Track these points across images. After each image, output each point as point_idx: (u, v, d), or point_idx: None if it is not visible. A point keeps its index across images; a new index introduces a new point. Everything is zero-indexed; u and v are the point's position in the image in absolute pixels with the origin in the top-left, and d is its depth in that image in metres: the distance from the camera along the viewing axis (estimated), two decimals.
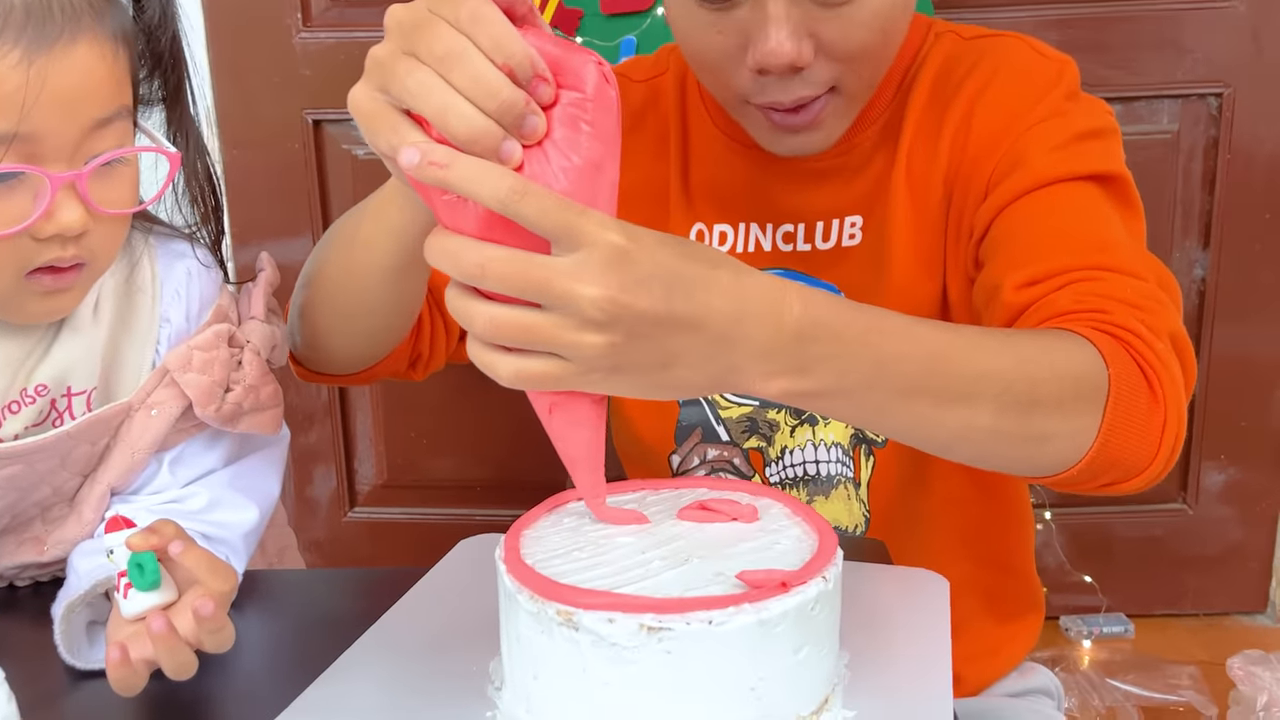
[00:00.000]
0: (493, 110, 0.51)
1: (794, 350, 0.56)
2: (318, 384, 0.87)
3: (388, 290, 0.75)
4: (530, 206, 0.50)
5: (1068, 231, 0.74)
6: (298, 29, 1.54)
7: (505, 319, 0.52)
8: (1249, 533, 1.68)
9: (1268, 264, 1.57)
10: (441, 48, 0.51)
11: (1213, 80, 1.51)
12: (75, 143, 0.63)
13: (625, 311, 0.52)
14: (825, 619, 0.57)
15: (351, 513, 1.75)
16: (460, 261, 0.52)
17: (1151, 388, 0.67)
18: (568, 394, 0.57)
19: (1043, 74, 0.82)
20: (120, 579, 0.62)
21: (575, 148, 0.53)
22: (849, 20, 0.74)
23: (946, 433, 0.63)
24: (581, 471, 0.60)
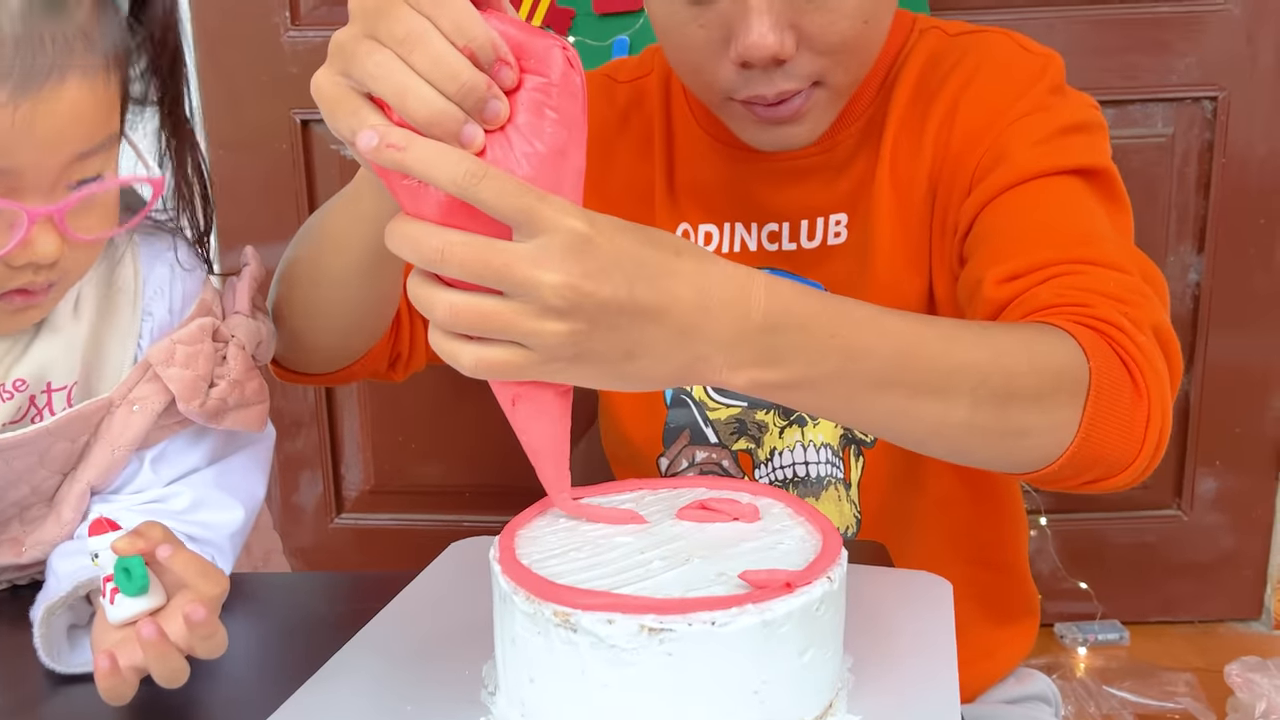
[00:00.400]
0: (453, 93, 0.50)
1: (761, 340, 0.55)
2: (296, 384, 0.85)
3: (360, 285, 0.73)
4: (488, 190, 0.49)
5: (1050, 225, 0.73)
6: (286, 27, 1.52)
7: (465, 306, 0.51)
8: (1243, 539, 1.68)
9: (1262, 269, 1.57)
10: (402, 29, 0.49)
11: (1207, 84, 1.50)
12: (56, 175, 0.61)
13: (587, 299, 0.51)
14: (830, 620, 0.56)
15: (338, 519, 1.73)
16: (420, 247, 0.51)
17: (1135, 382, 0.65)
18: (532, 385, 0.56)
19: (1026, 68, 0.81)
20: (106, 584, 0.60)
21: (539, 133, 0.52)
22: (831, 11, 0.74)
23: (921, 426, 0.62)
24: (546, 464, 0.59)
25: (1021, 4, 1.46)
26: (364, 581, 0.81)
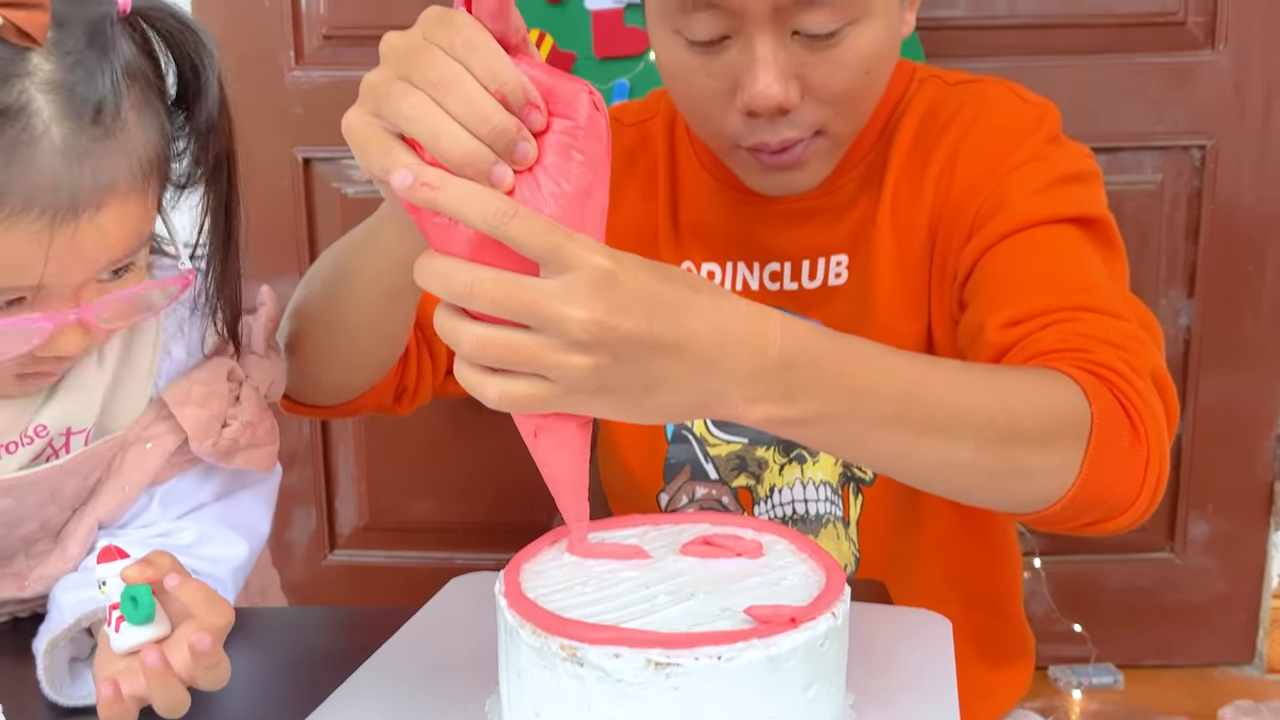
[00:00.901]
0: (485, 135, 0.51)
1: (776, 377, 0.56)
2: (302, 416, 0.86)
3: (375, 318, 0.74)
4: (518, 228, 0.51)
5: (1050, 273, 0.75)
6: (290, 67, 1.54)
7: (492, 339, 0.52)
8: (1236, 583, 1.68)
9: (1250, 314, 1.59)
10: (436, 73, 0.51)
11: (1195, 132, 1.53)
12: (82, 284, 0.62)
13: (610, 334, 0.52)
14: (834, 656, 0.56)
15: (331, 555, 1.72)
16: (449, 282, 0.52)
17: (1134, 426, 0.67)
18: (554, 417, 0.57)
19: (1024, 118, 0.84)
20: (112, 611, 0.60)
21: (565, 174, 0.53)
22: (835, 63, 0.76)
23: (928, 465, 0.63)
24: (566, 495, 0.60)
25: (1015, 53, 1.49)
26: (365, 616, 0.81)
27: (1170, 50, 1.51)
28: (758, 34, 0.74)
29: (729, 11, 0.74)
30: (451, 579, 0.81)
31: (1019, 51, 1.50)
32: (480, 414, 1.73)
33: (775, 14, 0.73)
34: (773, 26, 0.74)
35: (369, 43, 1.68)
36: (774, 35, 0.74)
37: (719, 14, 0.74)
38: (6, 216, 0.57)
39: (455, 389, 0.90)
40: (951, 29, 1.50)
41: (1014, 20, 1.51)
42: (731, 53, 0.76)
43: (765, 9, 0.73)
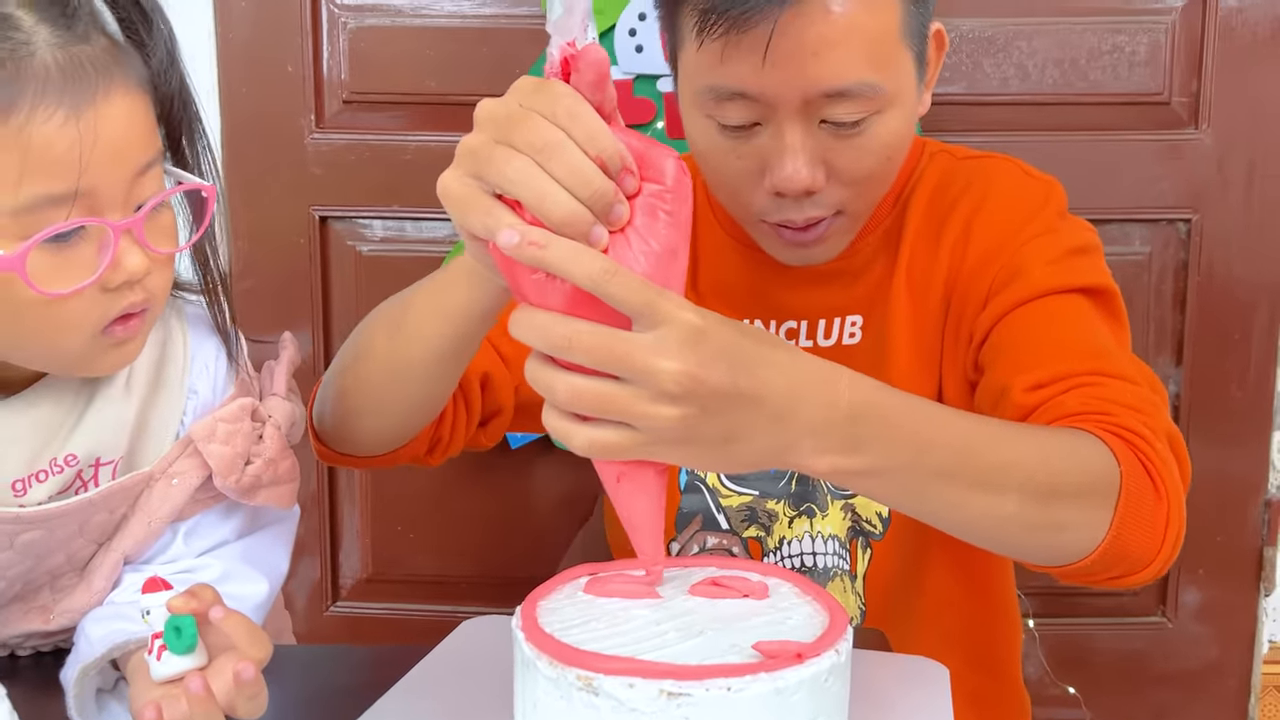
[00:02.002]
0: (586, 198, 0.55)
1: (845, 429, 0.60)
2: (340, 466, 0.88)
3: (431, 373, 0.77)
4: (618, 286, 0.54)
5: (1067, 340, 0.80)
6: (310, 130, 1.60)
7: (586, 389, 0.55)
8: (1227, 649, 1.69)
9: (1237, 382, 1.62)
10: (540, 139, 0.55)
11: (1181, 207, 1.58)
12: (125, 191, 0.65)
13: (700, 386, 0.55)
14: (837, 692, 0.59)
15: (334, 607, 1.73)
16: (549, 334, 0.55)
17: (1155, 486, 0.71)
18: (635, 464, 0.60)
19: (1034, 194, 0.89)
20: (154, 640, 0.63)
21: (654, 234, 0.57)
22: (859, 149, 0.81)
23: (975, 516, 0.67)
24: (643, 538, 0.63)
25: (1009, 128, 1.55)
26: (379, 655, 0.83)
27: (1156, 129, 1.57)
28: (787, 122, 0.79)
29: (761, 102, 0.79)
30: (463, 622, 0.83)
31: (1013, 127, 1.55)
32: (485, 469, 1.75)
33: (805, 106, 0.78)
34: (802, 116, 0.79)
35: (386, 108, 1.74)
36: (803, 124, 0.79)
37: (751, 104, 0.79)
38: (28, 113, 0.61)
39: (484, 441, 0.94)
40: (949, 104, 1.56)
41: (1008, 98, 1.57)
42: (762, 138, 0.81)
43: (796, 101, 0.78)
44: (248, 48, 1.58)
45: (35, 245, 0.62)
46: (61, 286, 0.63)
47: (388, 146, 1.58)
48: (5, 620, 0.77)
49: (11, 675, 0.77)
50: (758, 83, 0.78)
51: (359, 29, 1.58)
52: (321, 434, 0.86)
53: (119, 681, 0.73)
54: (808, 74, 0.77)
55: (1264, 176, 1.57)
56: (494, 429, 0.93)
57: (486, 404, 0.90)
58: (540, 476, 1.67)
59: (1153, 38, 1.55)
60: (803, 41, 0.76)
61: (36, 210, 0.62)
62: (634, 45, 1.48)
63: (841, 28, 0.77)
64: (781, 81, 0.77)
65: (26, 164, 0.61)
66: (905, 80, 0.81)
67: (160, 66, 0.69)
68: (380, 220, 1.62)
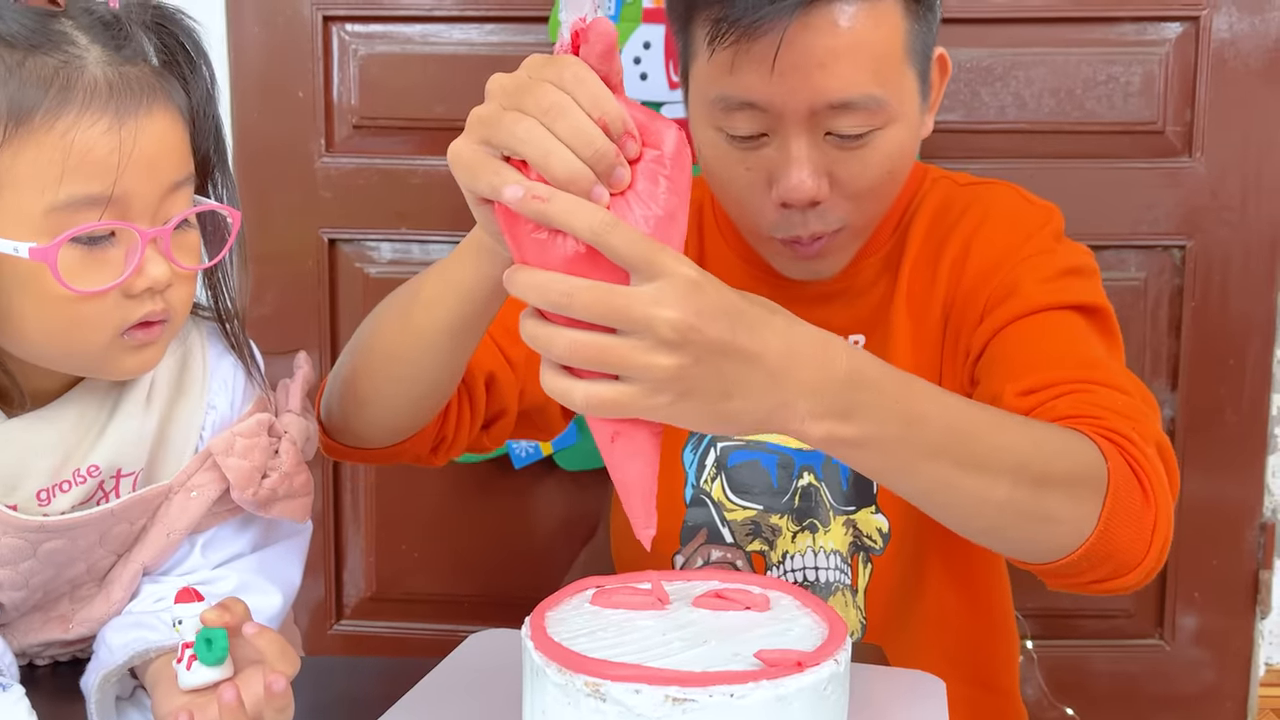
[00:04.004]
0: (588, 157, 0.57)
1: (839, 393, 0.61)
2: (343, 459, 0.90)
3: (440, 351, 0.78)
4: (618, 238, 0.56)
5: (1059, 352, 0.82)
6: (320, 154, 1.63)
7: (584, 341, 0.57)
8: (1224, 672, 1.70)
9: (1233, 406, 1.64)
10: (547, 101, 0.57)
11: (1175, 233, 1.61)
12: (156, 203, 0.69)
13: (697, 335, 0.57)
14: (837, 700, 0.61)
15: (337, 625, 1.75)
16: (547, 291, 0.57)
17: (1144, 488, 0.72)
18: (630, 423, 0.61)
19: (1032, 217, 0.92)
20: (185, 650, 0.65)
21: (654, 198, 0.60)
22: (862, 162, 0.83)
23: (964, 499, 0.68)
24: (635, 500, 0.64)
25: (1006, 156, 1.58)
26: (388, 667, 0.85)
27: (1151, 157, 1.60)
28: (794, 134, 0.82)
29: (768, 112, 0.82)
30: (470, 636, 0.85)
31: (1010, 155, 1.59)
32: (489, 488, 1.77)
33: (811, 117, 0.81)
34: (808, 127, 0.82)
35: (395, 132, 1.77)
36: (808, 135, 0.82)
37: (758, 114, 0.82)
38: (74, 119, 0.65)
39: (486, 443, 0.95)
40: (949, 132, 1.59)
41: (1006, 126, 1.60)
42: (769, 149, 0.83)
43: (802, 112, 0.81)
44: (259, 73, 1.62)
45: (67, 240, 0.66)
46: (88, 285, 0.67)
47: (396, 170, 1.61)
48: (25, 629, 0.78)
49: (30, 684, 0.79)
50: (765, 92, 0.80)
51: (369, 56, 1.62)
52: (328, 426, 0.88)
53: (136, 689, 0.74)
54: (814, 85, 0.79)
55: (1257, 203, 1.60)
56: (497, 432, 0.95)
57: (491, 405, 0.92)
58: (543, 496, 1.69)
59: (1147, 68, 1.59)
60: (810, 53, 0.79)
61: (72, 209, 0.66)
62: (638, 74, 1.51)
63: (847, 41, 0.79)
64: (788, 91, 0.80)
65: (67, 165, 0.65)
66: (908, 97, 0.84)
67: (200, 101, 0.73)
68: (388, 242, 1.65)
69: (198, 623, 0.65)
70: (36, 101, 0.65)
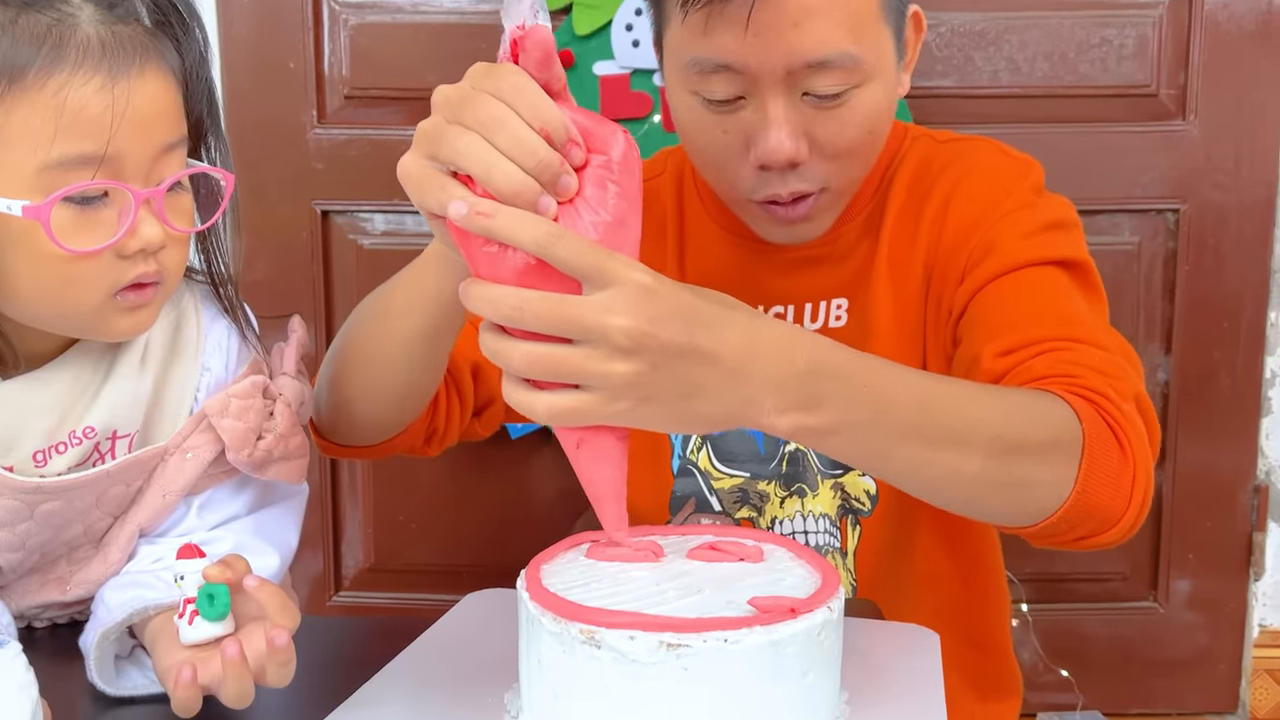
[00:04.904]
0: (531, 168, 0.57)
1: (804, 386, 0.61)
2: (337, 457, 0.90)
3: (416, 355, 0.79)
4: (565, 249, 0.56)
5: (1039, 309, 0.81)
6: (312, 125, 1.62)
7: (539, 353, 0.57)
8: (1218, 634, 1.72)
9: (1226, 370, 1.65)
10: (486, 114, 0.57)
11: (1169, 197, 1.61)
12: (149, 165, 0.69)
13: (651, 341, 0.57)
14: (830, 647, 0.61)
15: (336, 596, 1.76)
16: (499, 305, 0.57)
17: (1121, 444, 0.72)
18: (594, 430, 0.62)
19: (1011, 172, 0.91)
20: (187, 605, 0.65)
21: (603, 205, 0.59)
22: (840, 121, 0.83)
23: (939, 475, 0.68)
24: (606, 505, 0.65)
25: (999, 121, 1.57)
26: (385, 625, 0.86)
27: (1144, 120, 1.60)
28: (770, 95, 0.81)
29: (744, 74, 0.81)
30: (467, 595, 0.85)
31: (1003, 120, 1.58)
32: (486, 460, 1.78)
33: (787, 77, 0.80)
34: (785, 88, 0.81)
35: (387, 103, 1.76)
36: (785, 96, 0.81)
37: (734, 76, 0.81)
38: (67, 77, 0.65)
39: (479, 430, 0.96)
40: (940, 97, 1.59)
41: (998, 91, 1.60)
42: (746, 111, 0.83)
43: (779, 72, 0.80)
44: (250, 45, 1.61)
45: (60, 199, 0.66)
46: (81, 245, 0.67)
47: (388, 141, 1.61)
48: (23, 591, 0.79)
49: (29, 646, 0.79)
50: (740, 53, 0.80)
51: (360, 25, 1.61)
52: (320, 427, 0.88)
53: (135, 649, 0.75)
54: (789, 44, 0.79)
55: (1250, 166, 1.60)
56: (488, 419, 0.95)
57: (479, 394, 0.92)
58: (540, 467, 1.70)
59: (1140, 31, 1.58)
60: (784, 11, 0.78)
61: (66, 168, 0.66)
62: (630, 40, 1.50)
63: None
64: (763, 51, 0.79)
65: (60, 124, 0.65)
66: (884, 55, 0.84)
67: (193, 63, 0.73)
68: (381, 214, 1.65)
69: (199, 578, 0.65)
70: (29, 59, 0.65)
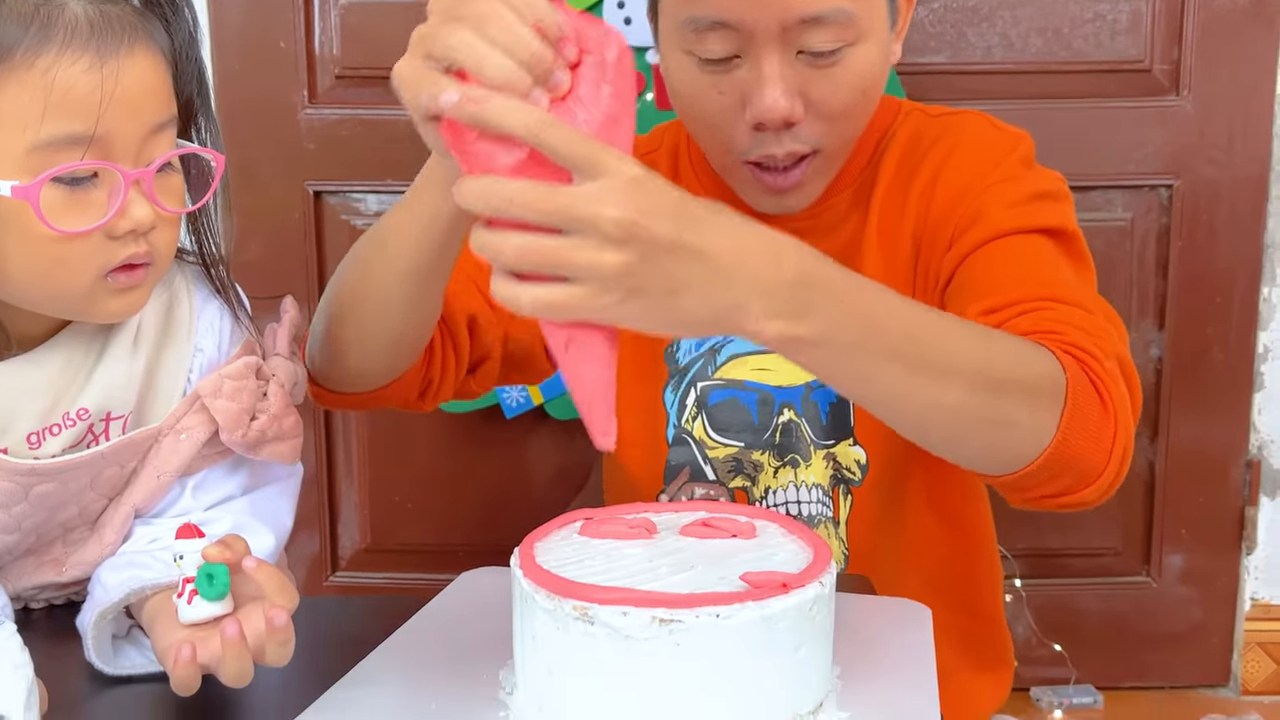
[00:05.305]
0: (524, 60, 0.57)
1: (791, 293, 0.61)
2: (329, 406, 0.90)
3: (409, 290, 0.78)
4: (556, 136, 0.56)
5: (1023, 273, 0.82)
6: (303, 105, 1.61)
7: (530, 244, 0.57)
8: (1211, 608, 1.73)
9: (1219, 346, 1.65)
10: (480, 10, 0.57)
11: (1162, 173, 1.61)
12: (139, 145, 0.69)
13: (642, 232, 0.56)
14: (821, 621, 0.62)
15: (333, 577, 1.76)
16: (490, 196, 0.57)
17: (1102, 400, 0.72)
18: (582, 328, 0.60)
19: (1000, 144, 0.91)
20: (186, 585, 0.65)
21: (596, 103, 0.59)
22: (834, 80, 0.83)
23: (920, 404, 0.67)
24: (595, 408, 0.62)
25: (992, 97, 1.57)
26: (379, 604, 0.86)
27: (1138, 96, 1.60)
28: (766, 52, 0.82)
29: (739, 31, 0.81)
30: (462, 574, 0.86)
31: (996, 95, 1.58)
32: (481, 439, 1.78)
33: (782, 33, 0.81)
34: (779, 45, 0.81)
35: (378, 83, 1.75)
36: (780, 54, 0.82)
37: (730, 34, 0.82)
38: (54, 56, 0.65)
39: (474, 388, 0.96)
40: (934, 73, 1.59)
41: (991, 66, 1.60)
42: (741, 71, 0.83)
43: (774, 28, 0.81)
44: (240, 25, 1.60)
45: (49, 179, 0.66)
46: (71, 225, 0.67)
47: (380, 121, 1.60)
48: (20, 573, 0.79)
49: (25, 627, 0.79)
50: (736, 9, 0.80)
51: (350, 4, 1.60)
52: (314, 374, 0.87)
53: (132, 629, 0.75)
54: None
55: (1244, 141, 1.60)
56: (483, 375, 0.95)
57: (475, 348, 0.92)
58: (536, 446, 1.70)
59: (1134, 6, 1.58)
60: None
61: (55, 148, 0.66)
62: (623, 18, 1.50)
63: None
64: (759, 6, 0.80)
65: (49, 104, 0.65)
66: (877, 14, 0.84)
67: (182, 43, 0.73)
68: (374, 194, 1.64)
69: (199, 558, 0.65)
70: (17, 39, 0.65)
